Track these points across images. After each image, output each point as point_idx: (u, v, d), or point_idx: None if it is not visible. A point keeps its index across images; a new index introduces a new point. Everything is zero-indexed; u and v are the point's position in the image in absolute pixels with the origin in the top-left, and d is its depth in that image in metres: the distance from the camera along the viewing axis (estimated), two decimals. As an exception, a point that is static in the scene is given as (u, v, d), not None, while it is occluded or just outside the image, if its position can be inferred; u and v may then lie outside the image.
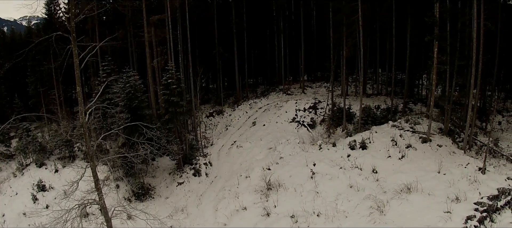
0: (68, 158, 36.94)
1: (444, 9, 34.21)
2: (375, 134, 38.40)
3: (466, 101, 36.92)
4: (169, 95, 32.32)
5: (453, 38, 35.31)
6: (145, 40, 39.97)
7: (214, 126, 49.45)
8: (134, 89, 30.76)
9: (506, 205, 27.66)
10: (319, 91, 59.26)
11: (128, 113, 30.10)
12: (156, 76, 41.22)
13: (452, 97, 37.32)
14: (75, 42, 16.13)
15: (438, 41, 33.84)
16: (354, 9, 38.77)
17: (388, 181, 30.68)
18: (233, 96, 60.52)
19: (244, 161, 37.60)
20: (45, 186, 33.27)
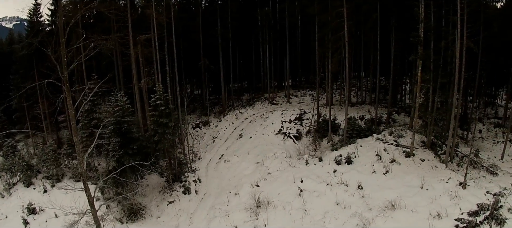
0: (56, 177, 36.65)
1: (428, 28, 35.21)
2: (360, 147, 39.17)
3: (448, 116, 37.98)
4: (157, 116, 32.40)
5: (437, 56, 36.34)
6: (131, 56, 39.98)
7: (201, 138, 49.55)
8: (123, 112, 30.80)
9: (485, 220, 28.57)
10: (304, 100, 59.84)
11: (118, 136, 30.26)
12: (143, 95, 41.23)
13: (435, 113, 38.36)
14: (69, 91, 15.91)
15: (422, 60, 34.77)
16: (339, 25, 39.40)
17: (373, 198, 31.38)
18: (219, 105, 60.77)
19: (233, 176, 37.94)
20: (36, 209, 32.72)
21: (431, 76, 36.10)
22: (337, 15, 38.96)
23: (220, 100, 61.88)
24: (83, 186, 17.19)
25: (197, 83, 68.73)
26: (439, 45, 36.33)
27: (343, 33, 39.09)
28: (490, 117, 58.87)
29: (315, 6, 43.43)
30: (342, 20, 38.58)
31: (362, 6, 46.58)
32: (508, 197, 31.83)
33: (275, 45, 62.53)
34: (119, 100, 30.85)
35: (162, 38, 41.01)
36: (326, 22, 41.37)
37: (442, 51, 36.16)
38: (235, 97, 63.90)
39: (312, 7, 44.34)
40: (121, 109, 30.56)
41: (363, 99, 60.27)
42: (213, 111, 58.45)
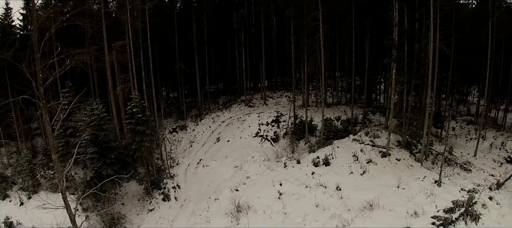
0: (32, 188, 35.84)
1: (402, 31, 35.90)
2: (337, 149, 39.71)
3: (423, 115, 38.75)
4: (134, 124, 32.11)
5: (410, 58, 37.05)
6: (106, 63, 39.34)
7: (178, 142, 49.14)
8: (99, 121, 30.34)
9: (460, 216, 29.41)
10: (280, 102, 60.13)
11: (95, 146, 29.85)
12: (120, 102, 40.66)
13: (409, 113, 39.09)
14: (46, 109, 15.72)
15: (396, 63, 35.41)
16: (315, 29, 39.75)
17: (351, 198, 31.85)
18: (196, 109, 60.50)
19: (212, 181, 37.87)
20: (13, 223, 31.66)
21: (405, 78, 36.80)
22: (312, 19, 39.32)
23: (196, 104, 61.64)
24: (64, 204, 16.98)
25: (173, 86, 68.27)
26: (412, 47, 37.05)
27: (319, 36, 39.46)
28: (463, 114, 60.23)
29: (290, 10, 43.63)
30: (317, 23, 38.95)
31: (336, 9, 47.14)
32: (482, 193, 32.78)
33: (251, 48, 62.67)
34: (95, 110, 30.30)
35: (137, 44, 40.53)
36: (301, 25, 41.67)
37: (415, 53, 36.83)
38: (211, 100, 63.62)
39: (287, 11, 44.54)
40: (97, 118, 30.02)
41: (338, 99, 60.89)
42: (190, 115, 58.04)
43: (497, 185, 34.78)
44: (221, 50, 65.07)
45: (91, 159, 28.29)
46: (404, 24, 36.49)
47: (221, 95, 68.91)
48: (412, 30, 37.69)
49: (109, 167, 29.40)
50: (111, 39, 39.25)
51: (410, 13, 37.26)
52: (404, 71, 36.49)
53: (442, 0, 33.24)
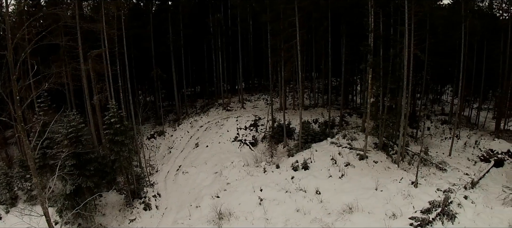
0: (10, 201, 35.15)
1: (377, 36, 36.52)
2: (315, 152, 40.10)
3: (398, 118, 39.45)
4: (113, 135, 31.62)
5: (386, 63, 37.75)
6: (82, 71, 38.73)
7: (156, 148, 48.74)
8: (77, 132, 29.87)
9: (437, 216, 30.12)
10: (258, 105, 60.25)
11: (73, 159, 29.45)
12: (97, 112, 39.99)
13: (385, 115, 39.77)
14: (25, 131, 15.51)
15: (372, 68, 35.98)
16: (292, 34, 40.02)
17: (331, 202, 32.29)
18: (173, 113, 60.10)
19: (192, 188, 37.71)
20: None
21: (381, 82, 37.47)
22: (289, 24, 39.54)
23: (173, 108, 61.27)
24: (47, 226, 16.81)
25: (149, 90, 67.67)
26: (388, 52, 37.79)
27: (296, 41, 39.74)
28: (437, 113, 61.44)
29: (267, 14, 43.78)
30: (294, 29, 39.21)
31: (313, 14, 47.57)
32: (457, 193, 33.68)
33: (228, 51, 62.75)
34: (72, 122, 29.80)
35: (113, 53, 40.02)
36: (278, 30, 41.86)
37: (391, 58, 37.60)
38: (189, 104, 63.37)
39: (264, 15, 44.66)
40: (74, 130, 29.56)
41: (316, 101, 61.29)
42: (168, 120, 57.61)
43: (471, 184, 35.81)
44: (198, 54, 64.91)
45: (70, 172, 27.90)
46: (380, 29, 37.13)
47: (198, 99, 68.58)
48: (387, 35, 38.43)
49: (89, 179, 29.06)
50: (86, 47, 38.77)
51: (385, 18, 37.98)
52: (380, 75, 37.17)
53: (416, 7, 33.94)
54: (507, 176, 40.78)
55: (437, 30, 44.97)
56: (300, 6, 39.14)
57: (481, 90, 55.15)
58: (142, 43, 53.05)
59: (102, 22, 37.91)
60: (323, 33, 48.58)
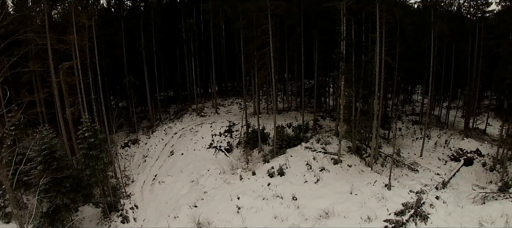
0: (-17, 218, 34.19)
1: (349, 43, 37.08)
2: (290, 158, 40.53)
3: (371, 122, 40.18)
4: (87, 149, 31.09)
5: (358, 69, 38.39)
6: (53, 83, 37.95)
7: (131, 157, 48.07)
8: (51, 148, 29.26)
9: (410, 218, 30.97)
10: (232, 110, 60.28)
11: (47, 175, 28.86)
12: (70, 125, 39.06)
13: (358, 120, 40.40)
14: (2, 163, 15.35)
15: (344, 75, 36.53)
16: (265, 41, 40.25)
17: (308, 207, 32.75)
18: (147, 120, 59.52)
19: (169, 198, 37.43)
20: None
21: (353, 88, 38.06)
22: (262, 32, 39.79)
23: (147, 114, 60.64)
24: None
25: (121, 95, 66.78)
26: (360, 59, 38.44)
27: (269, 49, 40.01)
28: (408, 113, 62.66)
29: (240, 21, 43.86)
30: (267, 36, 39.47)
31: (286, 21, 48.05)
32: (429, 194, 34.66)
33: (200, 56, 62.47)
34: (45, 137, 29.15)
35: (85, 64, 39.37)
36: (251, 37, 42.03)
37: (363, 64, 38.25)
38: (162, 110, 62.97)
39: (237, 22, 44.71)
40: (48, 146, 28.95)
41: (289, 104, 61.70)
42: (141, 127, 56.92)
43: (443, 184, 36.80)
44: (171, 59, 64.69)
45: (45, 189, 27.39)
46: (352, 36, 37.70)
47: (171, 104, 68.08)
48: (359, 42, 39.09)
49: (65, 195, 28.58)
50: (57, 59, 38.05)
51: (357, 26, 38.56)
52: (352, 81, 37.72)
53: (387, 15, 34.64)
54: (477, 174, 41.99)
55: (407, 36, 45.97)
56: (273, 14, 39.44)
57: (450, 90, 56.62)
58: (113, 50, 52.11)
59: (72, 33, 37.26)
60: (296, 39, 48.95)
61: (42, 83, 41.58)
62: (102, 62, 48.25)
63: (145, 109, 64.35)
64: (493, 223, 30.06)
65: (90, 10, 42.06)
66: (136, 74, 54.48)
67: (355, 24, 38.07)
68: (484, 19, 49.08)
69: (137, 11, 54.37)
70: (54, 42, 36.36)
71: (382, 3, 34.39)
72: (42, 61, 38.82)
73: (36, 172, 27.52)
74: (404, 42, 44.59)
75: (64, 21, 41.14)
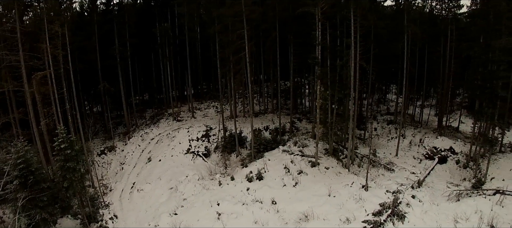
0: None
1: (324, 47, 37.50)
2: (268, 162, 40.77)
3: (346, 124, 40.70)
4: (64, 161, 30.28)
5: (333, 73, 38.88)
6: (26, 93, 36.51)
7: (108, 164, 47.24)
8: (27, 162, 28.65)
9: (388, 218, 31.61)
10: (208, 113, 60.09)
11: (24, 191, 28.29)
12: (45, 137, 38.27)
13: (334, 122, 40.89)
14: None
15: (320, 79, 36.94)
16: (241, 46, 40.33)
17: (287, 211, 33.11)
18: (122, 125, 58.73)
19: (149, 207, 37.07)
20: None
21: (329, 91, 38.50)
22: (238, 37, 39.84)
23: (123, 120, 59.78)
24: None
25: (96, 100, 65.48)
26: (335, 63, 38.93)
27: (245, 54, 40.10)
28: (383, 113, 63.54)
29: (215, 26, 43.70)
30: (243, 41, 39.56)
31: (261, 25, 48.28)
32: (405, 193, 35.37)
33: (176, 60, 62.10)
34: (20, 151, 28.51)
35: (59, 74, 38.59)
36: (227, 42, 41.98)
37: (338, 68, 38.75)
38: (138, 115, 62.29)
39: (213, 27, 44.47)
40: (24, 159, 28.33)
41: (265, 106, 61.88)
42: (117, 133, 56.14)
43: (418, 183, 37.57)
44: (146, 63, 64.21)
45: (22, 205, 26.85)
46: (327, 40, 38.14)
47: (147, 109, 67.25)
48: (334, 46, 39.58)
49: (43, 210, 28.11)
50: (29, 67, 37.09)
51: (332, 30, 39.02)
52: (327, 85, 38.16)
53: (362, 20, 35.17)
54: (451, 172, 42.96)
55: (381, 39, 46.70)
56: (249, 19, 39.55)
57: (423, 89, 57.82)
58: (87, 55, 51.06)
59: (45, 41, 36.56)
60: (271, 44, 49.22)
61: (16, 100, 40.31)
62: (76, 68, 47.19)
63: (120, 114, 63.39)
64: (468, 219, 30.94)
65: (63, 17, 41.03)
66: (110, 79, 53.79)
67: (330, 29, 38.58)
68: (456, 21, 50.23)
69: (111, 16, 53.52)
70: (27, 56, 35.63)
71: (357, 8, 34.91)
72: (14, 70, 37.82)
73: (13, 186, 26.97)
74: (378, 45, 45.26)
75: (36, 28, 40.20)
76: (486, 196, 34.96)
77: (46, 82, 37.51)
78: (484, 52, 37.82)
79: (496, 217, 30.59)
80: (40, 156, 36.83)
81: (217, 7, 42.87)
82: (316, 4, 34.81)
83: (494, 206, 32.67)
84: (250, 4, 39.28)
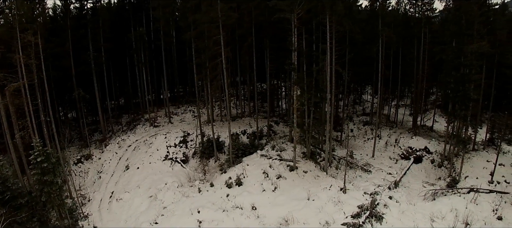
0: None
1: (300, 52, 37.77)
2: (247, 167, 40.81)
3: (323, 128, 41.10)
4: (41, 175, 29.32)
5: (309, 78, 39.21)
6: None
7: (85, 173, 46.31)
8: (4, 179, 28.03)
9: (366, 219, 32.14)
10: (185, 118, 59.79)
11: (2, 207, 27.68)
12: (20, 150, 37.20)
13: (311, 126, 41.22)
14: None
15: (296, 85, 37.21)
16: (217, 52, 40.26)
17: (267, 216, 33.28)
18: (98, 132, 57.77)
19: (129, 216, 36.55)
20: None
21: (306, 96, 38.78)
22: (214, 43, 39.77)
23: (98, 126, 58.68)
24: None
25: (71, 106, 64.04)
26: (311, 68, 39.29)
27: (221, 60, 40.06)
28: (359, 114, 64.33)
29: (191, 32, 43.46)
30: (219, 47, 39.53)
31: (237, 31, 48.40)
32: (383, 194, 36.07)
33: (151, 64, 61.55)
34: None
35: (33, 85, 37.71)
36: (203, 47, 41.76)
37: (314, 73, 39.11)
38: (114, 120, 61.49)
39: (188, 32, 44.22)
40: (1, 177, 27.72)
41: (243, 109, 61.84)
42: (93, 140, 55.16)
43: (394, 184, 38.31)
44: (121, 68, 63.48)
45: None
46: (303, 46, 38.45)
47: (123, 114, 66.34)
48: (310, 52, 39.89)
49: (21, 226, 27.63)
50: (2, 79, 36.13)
51: (308, 35, 39.34)
52: (304, 90, 38.43)
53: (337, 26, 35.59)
54: (426, 171, 43.88)
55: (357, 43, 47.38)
56: (225, 24, 39.51)
57: (398, 89, 58.76)
58: (61, 62, 50.09)
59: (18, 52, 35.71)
60: (247, 48, 49.33)
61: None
62: (50, 76, 46.27)
63: (96, 120, 62.30)
64: (444, 218, 31.81)
65: (36, 25, 39.84)
66: (85, 85, 52.92)
67: (306, 34, 38.92)
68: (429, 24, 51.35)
69: (85, 20, 52.48)
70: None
71: (332, 15, 35.29)
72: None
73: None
74: (354, 48, 45.96)
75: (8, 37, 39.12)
76: (461, 194, 35.90)
77: (20, 93, 36.61)
78: (457, 56, 38.73)
79: (471, 214, 31.58)
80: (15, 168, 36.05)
81: (192, 13, 42.69)
82: (292, 10, 35.02)
83: (468, 204, 33.69)
84: (226, 9, 39.21)
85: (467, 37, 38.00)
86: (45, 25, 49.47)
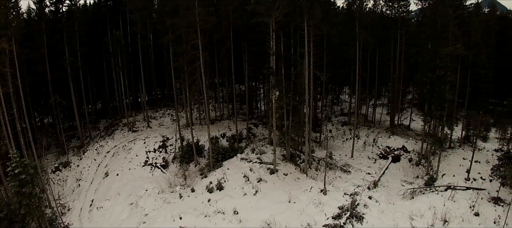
0: None
1: (279, 55, 37.96)
2: (227, 171, 40.89)
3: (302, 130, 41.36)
4: (19, 186, 28.48)
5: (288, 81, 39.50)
6: None
7: (64, 182, 45.07)
8: None
9: (347, 220, 32.61)
10: (164, 122, 59.40)
11: None
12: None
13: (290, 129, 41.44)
14: None
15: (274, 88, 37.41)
16: (195, 57, 40.10)
17: (250, 220, 33.47)
18: (76, 138, 56.72)
19: (110, 225, 36.00)
20: None
21: (284, 99, 39.03)
22: (192, 47, 39.61)
23: (76, 132, 57.51)
24: None
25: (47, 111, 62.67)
26: (289, 72, 39.56)
27: (200, 64, 39.92)
28: (337, 114, 64.92)
29: (169, 36, 43.19)
30: (197, 51, 39.37)
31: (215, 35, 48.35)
32: (363, 194, 36.65)
33: (129, 68, 60.97)
34: None
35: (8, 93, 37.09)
36: (181, 52, 41.51)
37: (292, 77, 39.41)
38: (91, 126, 60.57)
39: (166, 36, 43.88)
40: None
41: (221, 112, 61.66)
42: (71, 147, 54.00)
43: (374, 184, 38.94)
44: (98, 72, 62.51)
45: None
46: (281, 49, 38.62)
47: (101, 119, 65.31)
48: (288, 55, 40.11)
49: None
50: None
51: (286, 39, 39.54)
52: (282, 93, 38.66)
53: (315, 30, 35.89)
54: (404, 170, 44.60)
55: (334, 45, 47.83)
56: (203, 29, 39.37)
57: (375, 89, 59.52)
58: (36, 67, 49.09)
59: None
60: (226, 52, 49.27)
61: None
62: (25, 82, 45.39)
63: (73, 126, 61.11)
64: (423, 216, 32.54)
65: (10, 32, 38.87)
66: (62, 90, 52.09)
67: (284, 38, 39.11)
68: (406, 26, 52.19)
69: (60, 24, 51.33)
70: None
71: (310, 19, 35.54)
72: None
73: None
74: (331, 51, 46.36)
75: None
76: (439, 192, 36.69)
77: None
78: (433, 58, 39.39)
79: (449, 212, 32.36)
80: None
81: (170, 16, 42.28)
82: (270, 15, 35.17)
83: (446, 201, 34.42)
84: (204, 14, 38.98)
85: (442, 40, 38.68)
86: (20, 30, 48.28)
